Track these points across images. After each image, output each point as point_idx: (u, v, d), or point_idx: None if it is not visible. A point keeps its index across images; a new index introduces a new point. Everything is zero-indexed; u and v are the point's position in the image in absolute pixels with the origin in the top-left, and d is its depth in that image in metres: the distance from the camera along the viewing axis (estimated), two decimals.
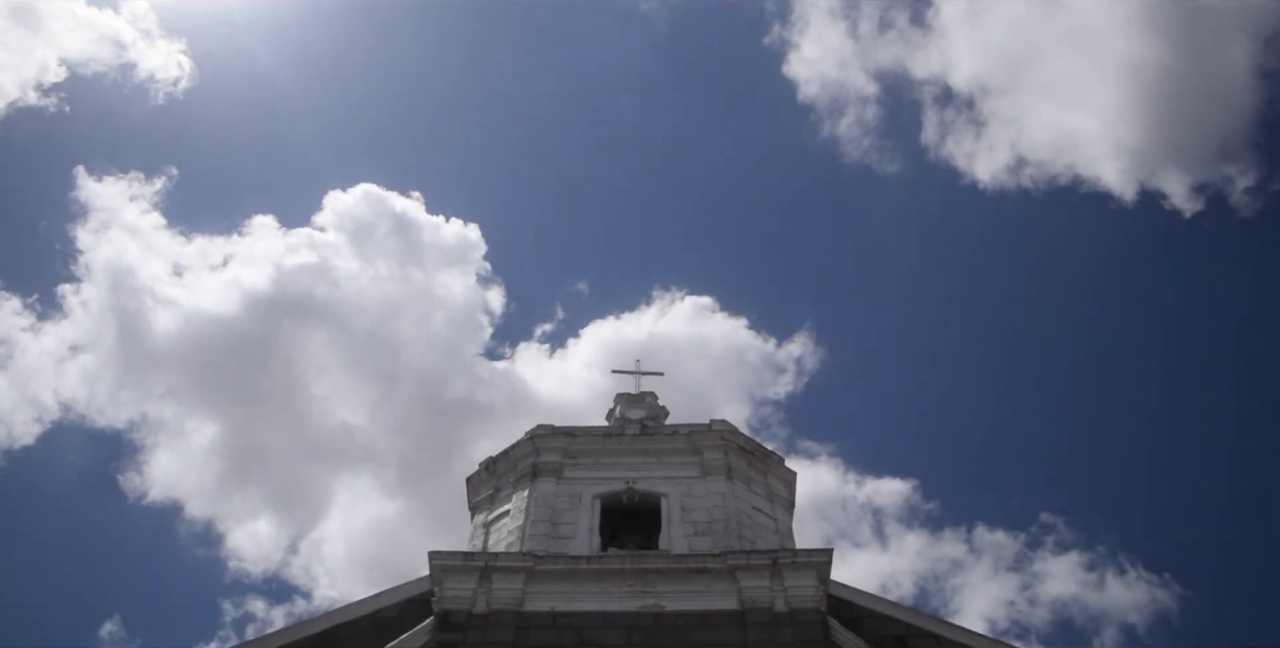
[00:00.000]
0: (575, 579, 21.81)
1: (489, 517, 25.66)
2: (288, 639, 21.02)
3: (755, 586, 21.37)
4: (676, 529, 23.93)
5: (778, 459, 27.17)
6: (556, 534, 23.75)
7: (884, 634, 21.03)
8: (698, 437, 26.21)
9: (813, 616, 20.79)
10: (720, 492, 24.81)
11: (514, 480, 25.92)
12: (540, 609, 21.25)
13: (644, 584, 21.64)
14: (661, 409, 29.19)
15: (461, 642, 20.36)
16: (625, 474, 25.56)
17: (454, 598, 21.27)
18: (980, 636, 21.23)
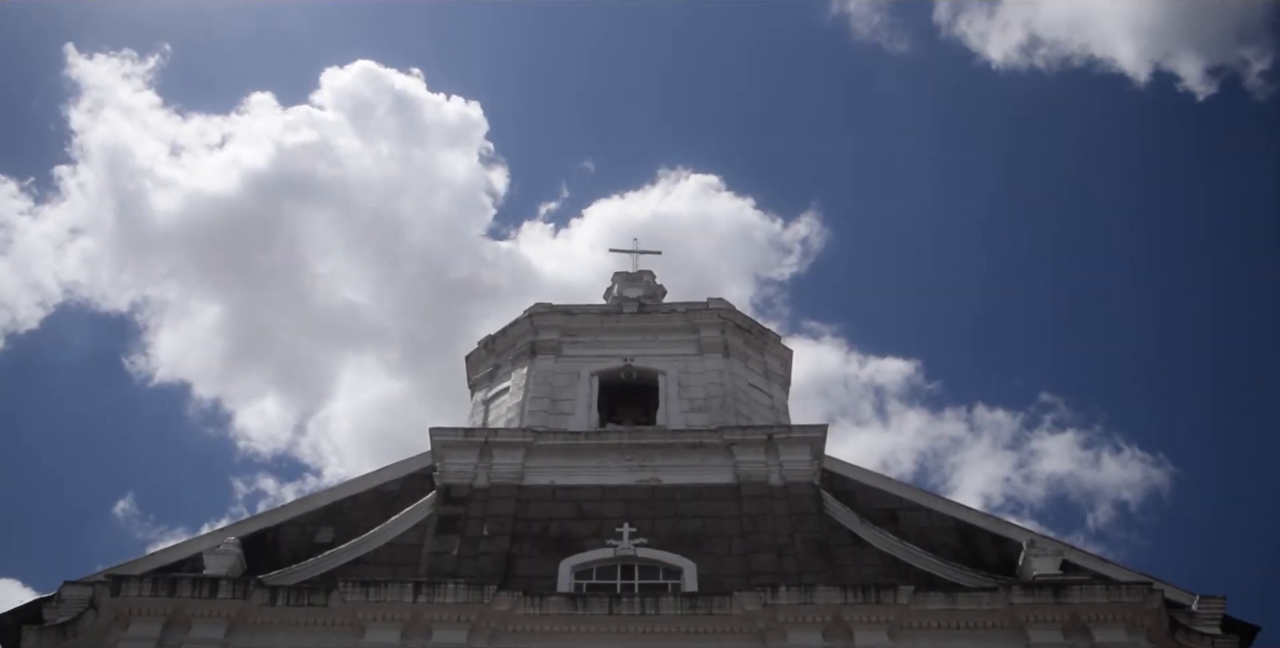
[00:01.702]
0: (574, 454, 22.01)
1: (488, 394, 25.78)
2: (293, 514, 21.32)
3: (751, 460, 21.58)
4: (674, 406, 24.06)
5: (774, 337, 27.18)
6: (555, 410, 23.89)
7: (876, 508, 21.28)
8: (695, 315, 26.17)
9: (807, 489, 21.04)
10: (717, 369, 24.88)
11: (513, 358, 25.97)
12: (540, 483, 21.49)
13: (641, 459, 21.84)
14: (659, 288, 29.08)
15: (463, 515, 20.63)
16: (623, 352, 25.60)
17: (455, 473, 21.49)
18: (970, 509, 21.49)
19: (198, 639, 17.76)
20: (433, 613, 17.99)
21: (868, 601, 17.97)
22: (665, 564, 19.93)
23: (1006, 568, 19.62)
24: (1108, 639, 17.59)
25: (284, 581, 18.98)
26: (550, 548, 20.17)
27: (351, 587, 18.15)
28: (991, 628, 17.96)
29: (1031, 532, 20.58)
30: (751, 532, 20.19)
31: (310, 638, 18.06)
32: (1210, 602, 18.91)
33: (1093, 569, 19.36)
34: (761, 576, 19.05)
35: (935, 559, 19.67)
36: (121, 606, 17.96)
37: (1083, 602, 17.86)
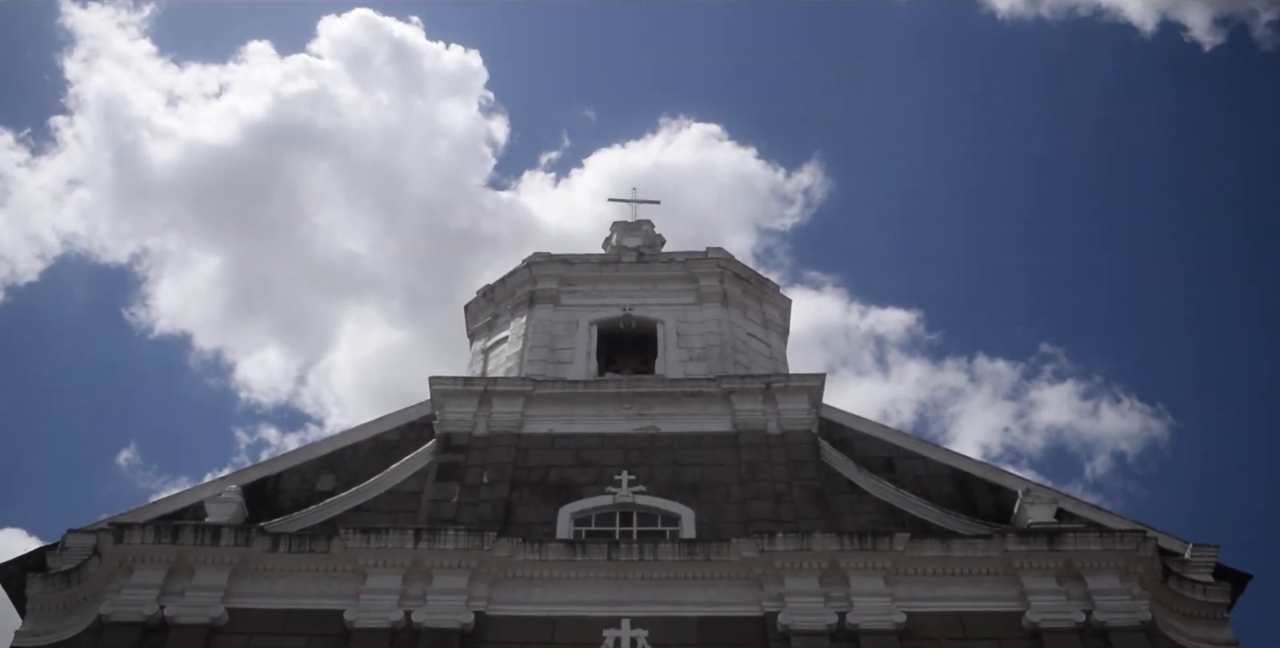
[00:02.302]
0: (573, 403, 22.01)
1: (487, 343, 25.75)
2: (294, 462, 21.36)
3: (749, 409, 21.59)
4: (672, 355, 24.04)
5: (773, 287, 27.10)
6: (554, 359, 23.87)
7: (873, 456, 21.34)
8: (694, 264, 26.08)
9: (804, 437, 21.07)
10: (715, 318, 24.83)
11: (512, 308, 25.90)
12: (539, 431, 21.51)
13: (640, 407, 21.84)
14: (658, 237, 28.98)
15: (462, 463, 20.68)
16: (622, 301, 25.53)
17: (455, 421, 21.51)
18: (966, 458, 21.56)
19: (201, 586, 17.85)
20: (433, 559, 18.05)
21: (864, 547, 18.04)
22: (663, 511, 20.00)
23: (1002, 516, 19.72)
24: (1101, 586, 17.70)
25: (285, 528, 19.07)
26: (549, 496, 20.23)
27: (352, 534, 18.22)
28: (986, 575, 18.06)
29: (1027, 480, 20.67)
30: (749, 480, 20.24)
31: (312, 584, 18.15)
32: (1203, 550, 19.03)
33: (1087, 517, 19.45)
34: (759, 523, 19.12)
35: (931, 507, 19.75)
36: (125, 553, 18.04)
37: (1077, 549, 17.95)
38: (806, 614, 17.45)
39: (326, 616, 17.68)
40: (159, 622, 17.42)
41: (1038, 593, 17.68)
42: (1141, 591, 17.81)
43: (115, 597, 17.65)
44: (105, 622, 17.36)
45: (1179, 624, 18.18)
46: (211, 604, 17.63)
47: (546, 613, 17.85)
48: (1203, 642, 18.17)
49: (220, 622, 17.52)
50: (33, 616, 18.51)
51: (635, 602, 17.93)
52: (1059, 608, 17.50)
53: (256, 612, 17.76)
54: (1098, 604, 17.50)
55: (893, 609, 17.56)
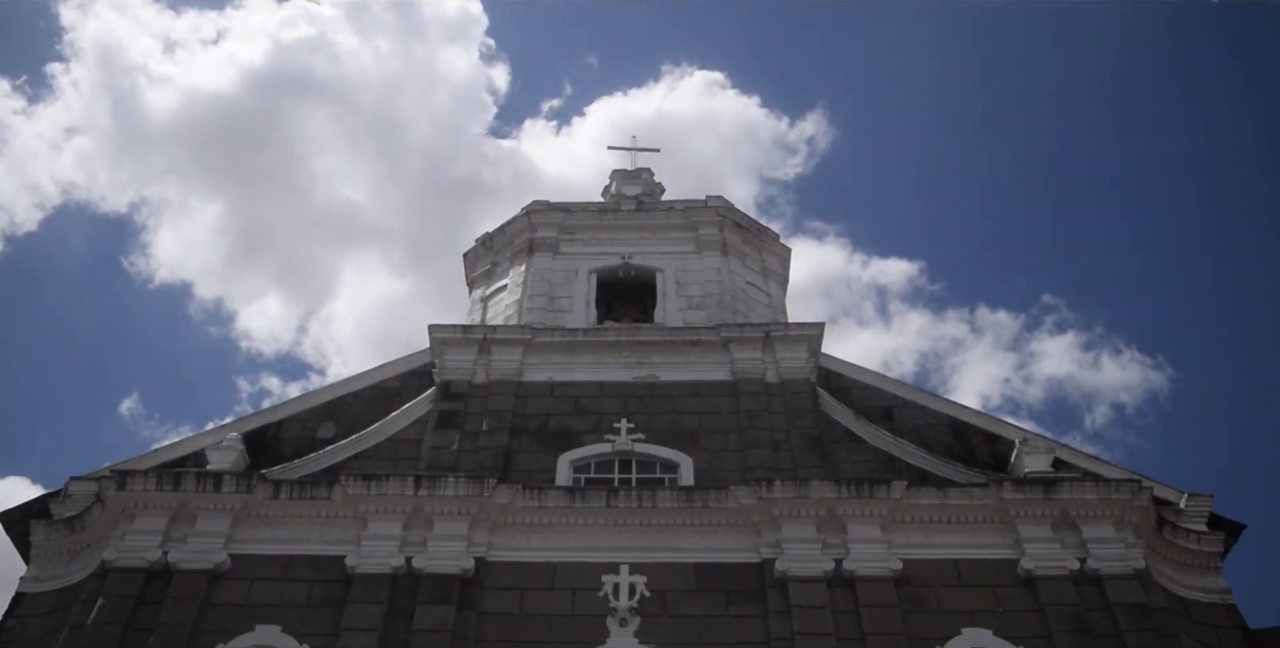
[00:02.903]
0: (572, 351, 21.93)
1: (486, 292, 25.62)
2: (294, 410, 21.33)
3: (748, 357, 21.52)
4: (671, 303, 23.93)
5: (773, 236, 26.92)
6: (554, 308, 23.77)
7: (871, 405, 21.31)
8: (693, 213, 25.88)
9: (803, 386, 21.02)
10: (715, 267, 24.68)
11: (511, 256, 25.74)
12: (538, 380, 21.46)
13: (639, 356, 21.78)
14: (658, 186, 28.73)
15: (462, 411, 20.64)
16: (621, 250, 25.37)
17: (454, 369, 21.45)
18: (964, 407, 21.53)
19: (203, 532, 17.90)
20: (434, 506, 18.08)
21: (861, 495, 18.07)
22: (662, 459, 20.02)
23: (999, 465, 19.75)
24: (1096, 535, 17.76)
25: (287, 475, 19.09)
26: (549, 443, 20.23)
27: (353, 481, 18.23)
28: (982, 523, 18.12)
29: (1024, 430, 20.67)
30: (748, 428, 20.23)
31: (313, 531, 18.19)
32: (1198, 500, 19.09)
33: (1083, 467, 19.48)
34: (757, 470, 19.14)
35: (929, 456, 19.77)
36: (127, 500, 18.06)
37: (1072, 498, 17.99)
38: (803, 561, 17.51)
39: (328, 561, 17.74)
40: (162, 567, 17.49)
41: (1033, 541, 17.74)
42: (1136, 539, 17.87)
43: (118, 543, 17.71)
44: (109, 567, 17.42)
45: (1172, 573, 18.27)
46: (214, 550, 17.68)
47: (546, 559, 17.92)
48: (1196, 590, 18.28)
49: (223, 568, 17.58)
50: (37, 562, 18.59)
51: (634, 548, 17.99)
52: (1054, 556, 17.57)
53: (258, 558, 17.83)
54: (1092, 553, 17.57)
55: (889, 556, 17.63)
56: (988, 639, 16.71)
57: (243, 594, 17.34)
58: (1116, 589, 17.11)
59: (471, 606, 17.12)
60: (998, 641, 16.68)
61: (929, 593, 17.33)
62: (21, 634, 17.60)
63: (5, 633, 17.68)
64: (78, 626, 16.79)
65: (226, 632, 16.81)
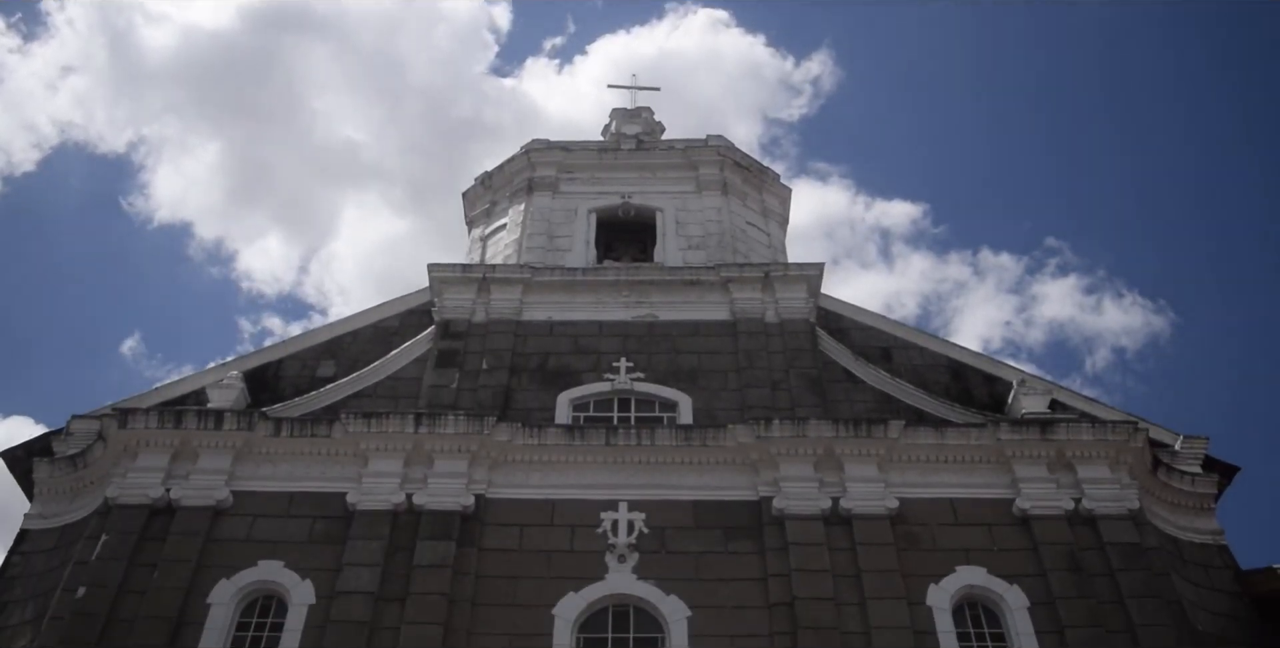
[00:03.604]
0: (572, 290, 21.78)
1: (486, 231, 25.40)
2: (294, 349, 21.23)
3: (747, 297, 21.38)
4: (671, 243, 23.72)
5: (773, 175, 26.62)
6: (553, 247, 23.57)
7: (870, 346, 21.21)
8: (694, 152, 25.56)
9: (802, 326, 20.90)
10: (715, 207, 24.44)
11: (510, 195, 25.47)
12: (537, 319, 21.33)
13: (639, 295, 21.63)
14: (658, 125, 28.34)
15: (461, 350, 20.54)
16: (621, 189, 25.10)
17: (454, 308, 21.31)
18: (962, 348, 21.45)
19: (205, 470, 17.89)
20: (434, 443, 18.05)
21: (859, 434, 18.04)
22: (661, 398, 19.96)
23: (996, 406, 19.73)
24: (1091, 475, 17.77)
25: (287, 413, 19.06)
26: (548, 382, 20.15)
27: (354, 418, 18.18)
28: (978, 463, 18.11)
29: (1022, 371, 20.61)
30: (747, 367, 20.15)
31: (314, 468, 18.18)
32: (1193, 442, 19.08)
33: (1080, 409, 19.47)
34: (755, 410, 19.09)
35: (926, 396, 19.72)
36: (129, 438, 18.02)
37: (1068, 439, 17.97)
38: (801, 499, 17.52)
39: (329, 498, 17.76)
40: (165, 504, 17.51)
41: (1028, 481, 17.75)
42: (1130, 480, 17.89)
43: (121, 480, 17.72)
44: (112, 504, 17.45)
45: (1166, 513, 18.33)
46: (216, 487, 17.69)
47: (545, 496, 17.93)
48: (1189, 531, 18.36)
49: (225, 504, 17.59)
50: (41, 499, 18.62)
51: (633, 486, 18.00)
52: (1049, 496, 17.60)
53: (260, 495, 17.84)
54: (1087, 493, 17.59)
55: (886, 495, 17.64)
56: (982, 577, 16.78)
57: (245, 531, 17.38)
58: (1110, 529, 17.15)
59: (471, 542, 17.16)
60: (992, 579, 16.74)
61: (924, 531, 17.37)
62: (26, 570, 17.72)
63: (10, 569, 17.79)
64: (82, 562, 16.86)
65: (229, 567, 16.87)
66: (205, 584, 16.60)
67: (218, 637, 16.10)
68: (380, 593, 16.39)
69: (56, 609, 16.33)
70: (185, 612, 16.24)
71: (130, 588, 16.43)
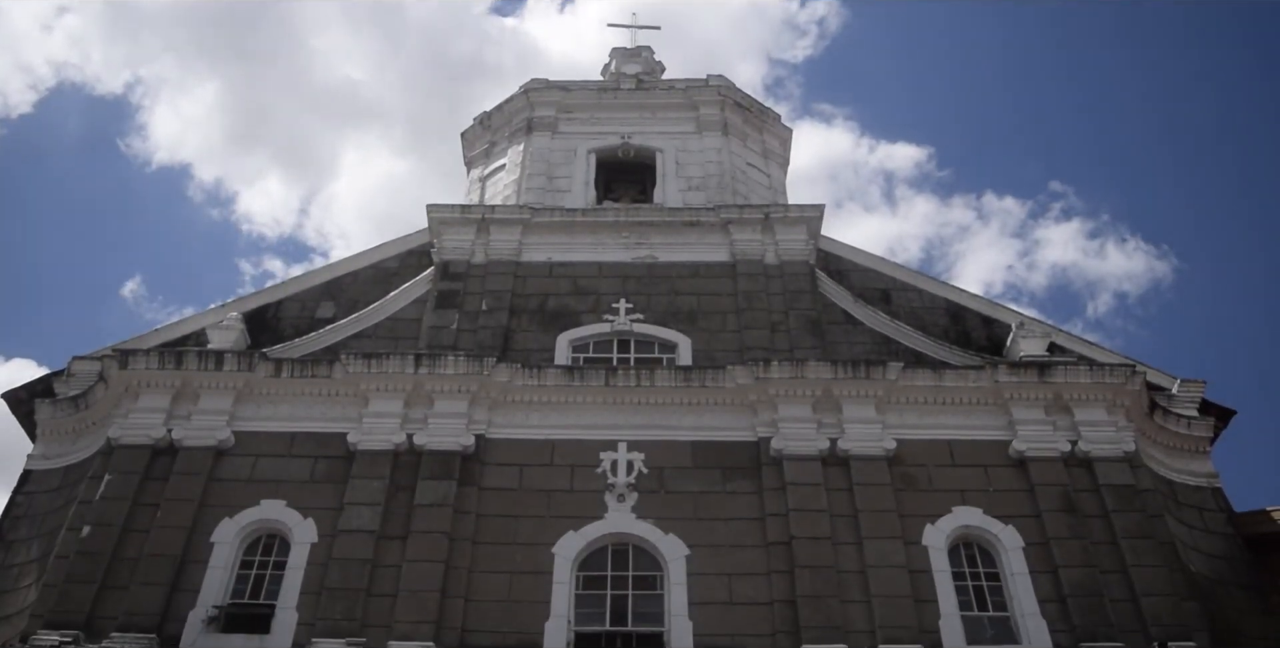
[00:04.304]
0: (571, 231, 21.55)
1: (485, 171, 25.09)
2: (293, 290, 21.06)
3: (747, 239, 21.16)
4: (671, 184, 23.44)
5: (774, 116, 26.22)
6: (552, 188, 23.29)
7: (870, 287, 21.05)
8: (694, 92, 25.16)
9: (802, 268, 20.72)
10: (715, 147, 24.12)
11: (509, 135, 25.12)
12: (537, 260, 21.13)
13: (639, 236, 21.41)
14: (658, 64, 27.89)
15: (461, 291, 20.37)
16: (621, 129, 24.74)
17: (453, 249, 21.10)
18: (961, 291, 21.29)
19: (206, 410, 17.82)
20: (434, 384, 17.96)
21: (857, 376, 17.93)
22: (660, 339, 19.84)
23: (995, 349, 19.63)
24: (1087, 418, 17.73)
25: (288, 354, 18.97)
26: (548, 323, 20.02)
27: (354, 359, 18.06)
28: (976, 404, 18.04)
29: (1021, 314, 20.46)
30: (746, 309, 20.01)
31: (315, 408, 18.11)
32: (1190, 386, 19.01)
33: (1078, 352, 19.37)
34: (754, 351, 18.99)
35: (925, 338, 19.61)
36: (130, 378, 17.93)
37: (1066, 382, 17.88)
38: (799, 440, 17.48)
39: (330, 438, 17.72)
40: (167, 445, 17.48)
41: (1025, 423, 17.69)
42: (1127, 423, 17.84)
43: (123, 421, 17.66)
44: (114, 445, 17.41)
45: (1161, 456, 18.32)
46: (217, 428, 17.64)
47: (545, 436, 17.89)
48: (1184, 473, 18.37)
49: (226, 445, 17.55)
50: (43, 440, 18.60)
51: (632, 426, 17.95)
52: (1045, 438, 17.56)
53: (262, 435, 17.79)
54: (1083, 435, 17.56)
55: (883, 436, 17.60)
56: (978, 518, 16.79)
57: (247, 470, 17.36)
58: (1106, 471, 17.15)
59: (472, 481, 17.15)
60: (987, 519, 16.76)
61: (921, 472, 17.35)
62: (30, 510, 17.75)
63: (14, 509, 17.83)
64: (86, 501, 16.87)
65: (232, 507, 16.88)
66: (208, 524, 16.61)
67: (222, 575, 16.15)
68: (382, 532, 16.41)
69: (61, 548, 16.37)
70: (189, 550, 16.27)
71: (134, 527, 16.46)
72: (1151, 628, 15.34)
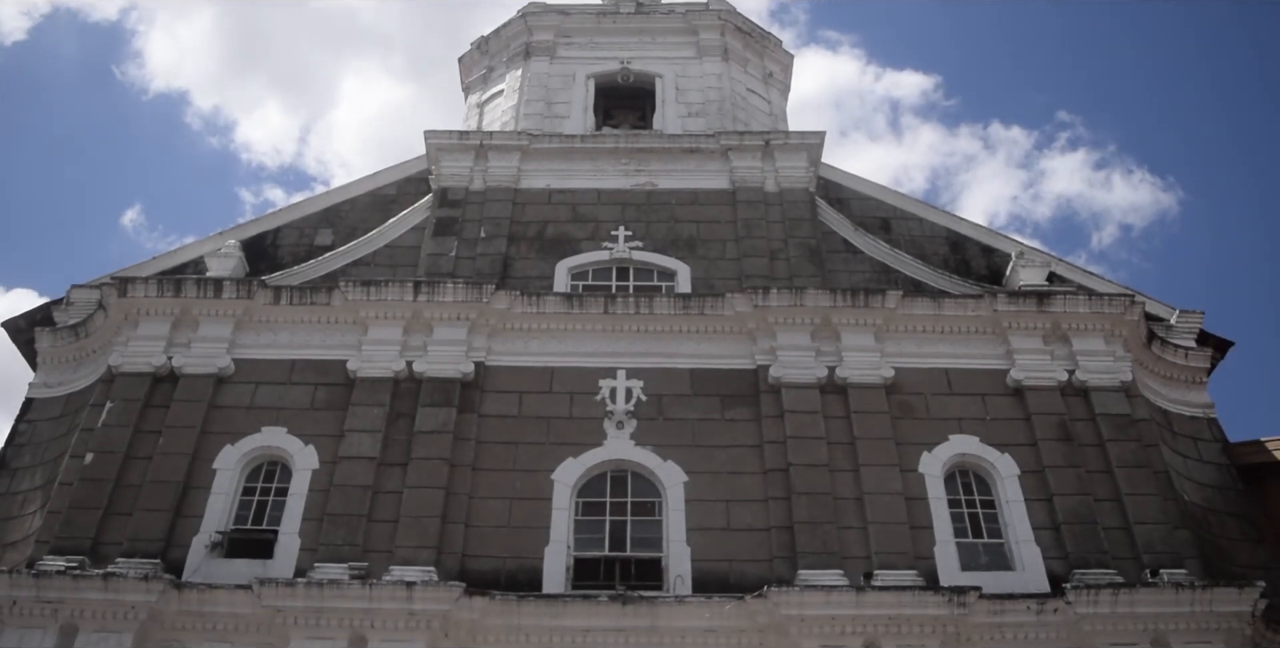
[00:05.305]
0: (570, 157, 21.15)
1: (483, 97, 24.56)
2: (291, 217, 20.73)
3: (747, 166, 20.78)
4: (671, 110, 22.97)
5: (775, 41, 25.60)
6: (551, 114, 22.81)
7: (870, 216, 20.73)
8: (694, 16, 24.56)
9: (801, 196, 20.37)
10: (715, 73, 23.59)
11: (507, 60, 24.54)
12: (535, 186, 20.76)
13: (638, 163, 21.02)
14: None
15: (459, 218, 20.04)
16: (620, 54, 24.18)
17: (451, 176, 20.72)
18: (961, 219, 20.96)
19: (206, 337, 17.64)
20: (433, 311, 17.75)
21: (856, 304, 17.73)
22: (659, 267, 19.59)
23: (995, 278, 19.44)
24: (1085, 347, 17.57)
25: (286, 281, 18.73)
26: (546, 250, 19.72)
27: (353, 286, 17.84)
28: (974, 333, 17.85)
29: (1021, 243, 20.15)
30: (745, 237, 19.72)
31: (315, 336, 17.92)
32: (1189, 316, 18.82)
33: (1077, 281, 19.16)
34: (754, 279, 18.76)
35: (925, 267, 19.36)
36: (129, 306, 17.72)
37: (1064, 311, 17.70)
38: (797, 368, 17.32)
39: (330, 365, 17.57)
40: (167, 372, 17.33)
41: (1023, 352, 17.53)
42: (1124, 353, 17.69)
43: (123, 349, 17.49)
44: (115, 373, 17.27)
45: (1158, 386, 18.20)
46: (217, 355, 17.47)
47: (544, 364, 17.73)
48: (1180, 403, 18.27)
49: (227, 372, 17.40)
50: (44, 368, 18.44)
51: (631, 354, 17.78)
52: (1043, 367, 17.41)
53: (262, 362, 17.63)
54: (1081, 364, 17.42)
55: (881, 364, 17.43)
56: (974, 446, 16.71)
57: (247, 398, 17.22)
58: (1102, 400, 17.03)
59: (472, 408, 17.03)
60: (984, 447, 16.68)
61: (919, 400, 17.22)
62: (33, 438, 17.65)
63: (17, 437, 17.73)
64: (88, 429, 16.76)
65: (233, 434, 16.78)
66: (210, 450, 16.53)
67: (225, 501, 16.12)
68: (382, 458, 16.33)
69: (65, 476, 16.30)
70: (192, 477, 16.21)
71: (136, 454, 16.37)
72: (1144, 556, 15.34)
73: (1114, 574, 15.06)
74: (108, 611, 14.43)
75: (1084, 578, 14.92)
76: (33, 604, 14.46)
